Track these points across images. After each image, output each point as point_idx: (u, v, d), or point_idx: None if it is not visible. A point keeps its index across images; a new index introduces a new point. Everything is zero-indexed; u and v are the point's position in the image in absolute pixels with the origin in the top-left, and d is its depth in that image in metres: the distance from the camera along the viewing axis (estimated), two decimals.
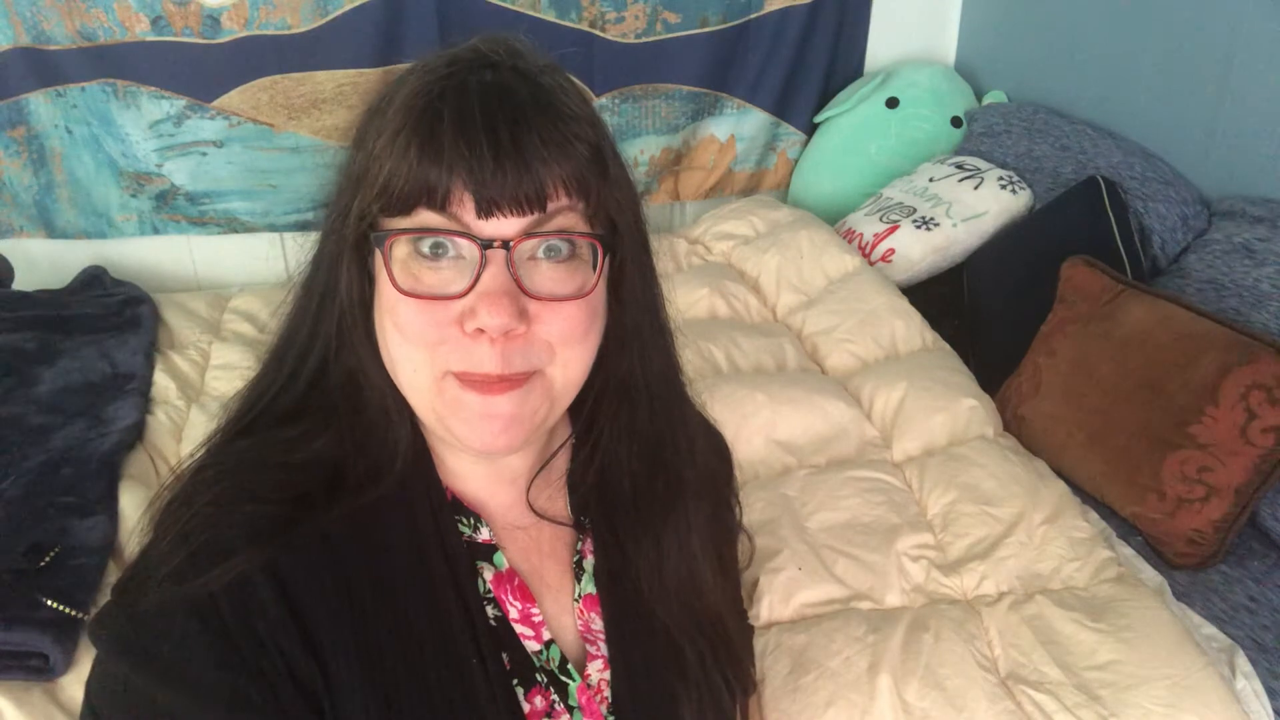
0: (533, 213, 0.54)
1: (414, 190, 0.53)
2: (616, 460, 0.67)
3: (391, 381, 0.59)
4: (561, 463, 0.69)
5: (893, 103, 2.25)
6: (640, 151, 2.28)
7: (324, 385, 0.60)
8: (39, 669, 1.11)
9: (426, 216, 0.54)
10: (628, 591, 0.68)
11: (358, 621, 0.56)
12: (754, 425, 1.48)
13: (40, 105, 1.91)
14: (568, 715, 0.63)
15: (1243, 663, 1.17)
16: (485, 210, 0.53)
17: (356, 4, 1.95)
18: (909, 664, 1.12)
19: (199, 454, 0.60)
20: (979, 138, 2.16)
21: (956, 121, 2.26)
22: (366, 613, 0.57)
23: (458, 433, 0.58)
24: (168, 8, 1.86)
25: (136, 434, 1.52)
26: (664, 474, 0.68)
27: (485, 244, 0.53)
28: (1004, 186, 1.97)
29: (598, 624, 0.67)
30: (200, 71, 1.94)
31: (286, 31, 1.94)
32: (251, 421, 0.61)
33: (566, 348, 0.57)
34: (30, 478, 1.35)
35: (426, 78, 0.55)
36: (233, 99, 1.98)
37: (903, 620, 1.18)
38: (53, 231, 2.04)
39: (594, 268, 0.57)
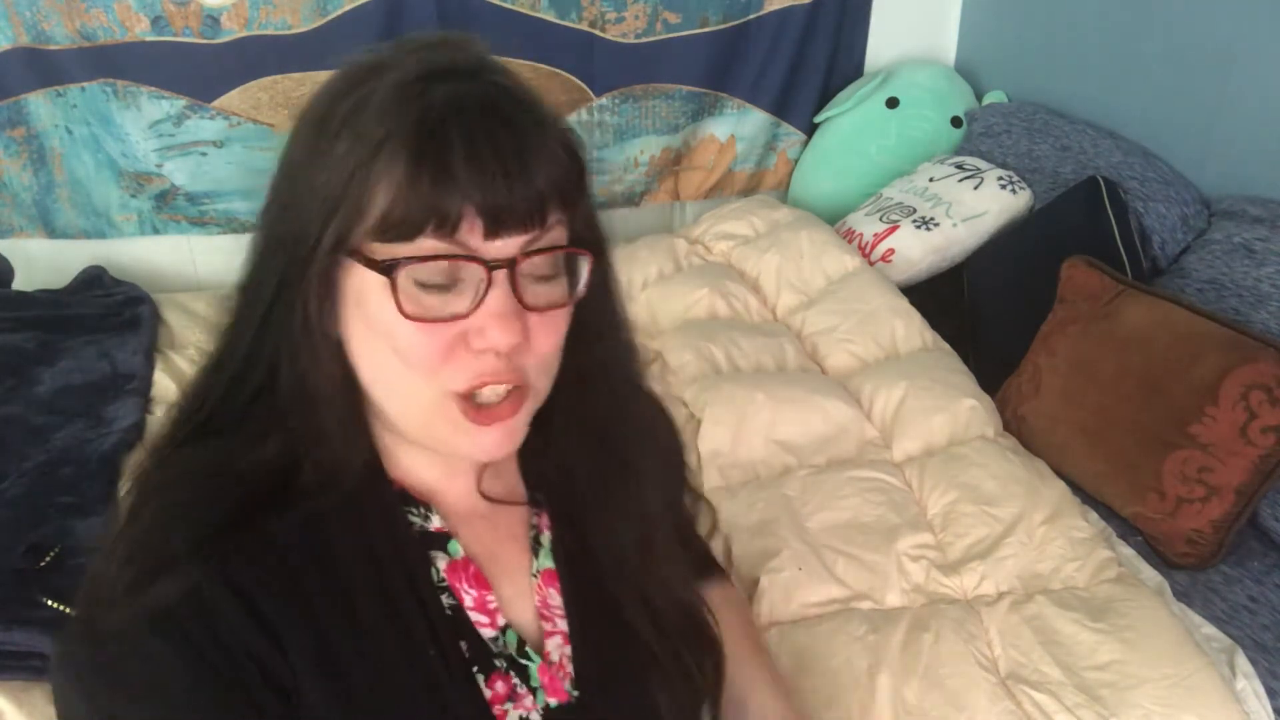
0: (535, 228, 0.55)
1: (422, 218, 0.52)
2: (569, 449, 0.68)
3: (351, 395, 0.58)
4: None
5: (893, 103, 2.25)
6: (640, 151, 2.28)
7: (271, 395, 0.59)
8: (39, 669, 1.11)
9: (430, 243, 0.53)
10: (585, 565, 0.69)
11: (311, 620, 0.56)
12: (754, 425, 1.48)
13: (40, 105, 1.91)
14: (530, 696, 0.63)
15: (1242, 663, 1.17)
16: (493, 231, 0.54)
17: (356, 4, 1.95)
18: (909, 664, 1.12)
19: (143, 465, 0.59)
20: (979, 138, 2.16)
21: (956, 121, 2.26)
22: (319, 612, 0.57)
23: (454, 446, 0.59)
24: (168, 8, 1.86)
25: (136, 434, 1.52)
26: (618, 463, 0.69)
27: (493, 265, 0.54)
28: (1004, 186, 1.97)
29: (555, 599, 0.68)
30: (200, 71, 1.93)
31: (286, 31, 1.94)
32: (193, 431, 0.60)
33: (549, 357, 0.59)
34: (30, 478, 1.35)
35: (405, 92, 0.53)
36: (233, 99, 1.98)
37: (903, 620, 1.18)
38: (53, 231, 2.04)
39: (576, 277, 0.59)
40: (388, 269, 0.53)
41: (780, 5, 2.21)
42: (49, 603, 1.13)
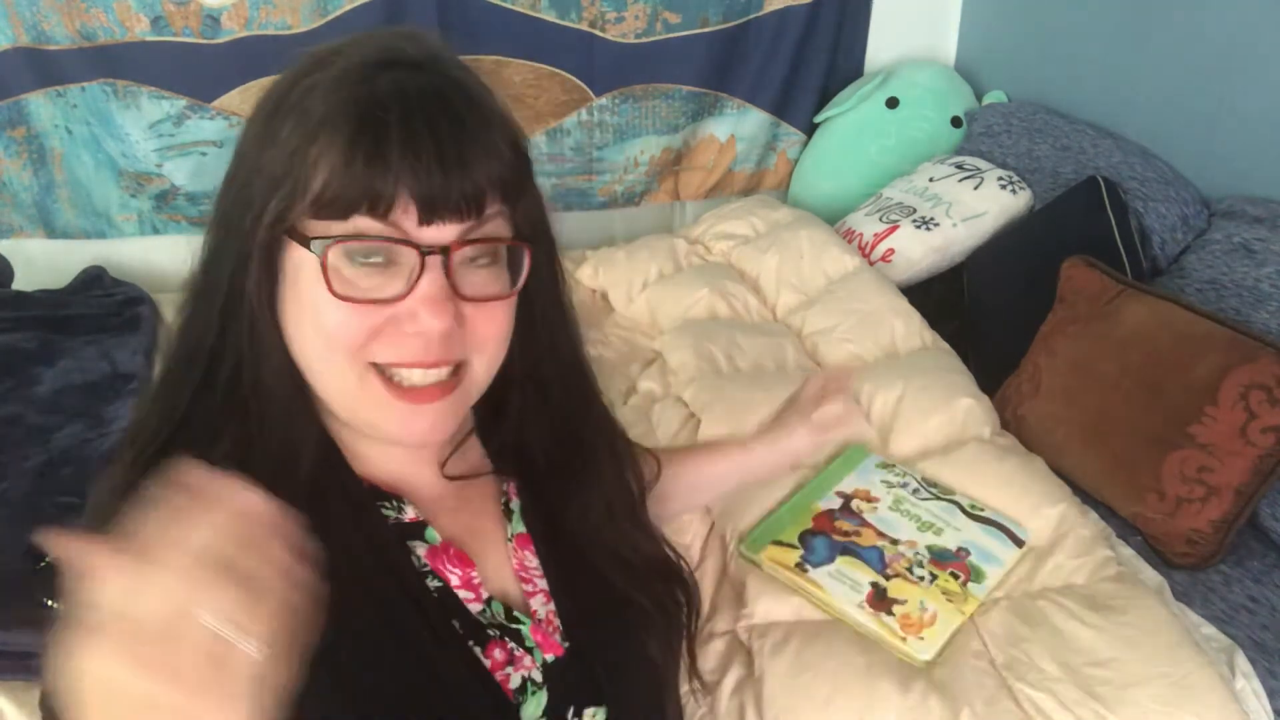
0: (470, 218, 0.56)
1: (356, 198, 0.53)
2: (528, 431, 0.70)
3: (294, 377, 0.59)
4: (470, 422, 0.71)
5: (893, 103, 2.25)
6: (640, 151, 2.28)
7: (237, 390, 0.59)
8: (39, 669, 1.11)
9: (364, 222, 0.54)
10: (556, 525, 0.71)
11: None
12: (754, 425, 1.48)
13: (40, 105, 1.91)
14: (528, 656, 0.65)
15: (1242, 663, 1.17)
16: (427, 217, 0.54)
17: (357, 4, 1.95)
18: (907, 662, 1.12)
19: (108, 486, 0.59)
20: (979, 138, 2.15)
21: (956, 121, 2.26)
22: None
23: (383, 429, 0.59)
24: (168, 8, 1.86)
25: None
26: (579, 449, 0.72)
27: (426, 250, 0.55)
28: (1004, 186, 1.97)
29: (532, 561, 0.69)
30: (200, 71, 1.94)
31: (286, 31, 1.94)
32: (168, 439, 0.59)
33: (492, 343, 0.60)
34: (30, 478, 1.35)
35: (350, 78, 0.55)
36: (233, 99, 1.98)
37: None
38: (53, 231, 2.04)
39: (518, 270, 0.60)
40: (319, 247, 0.54)
41: (780, 5, 2.21)
42: (49, 603, 1.13)
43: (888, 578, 1.20)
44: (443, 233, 0.55)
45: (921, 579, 1.20)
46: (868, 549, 1.24)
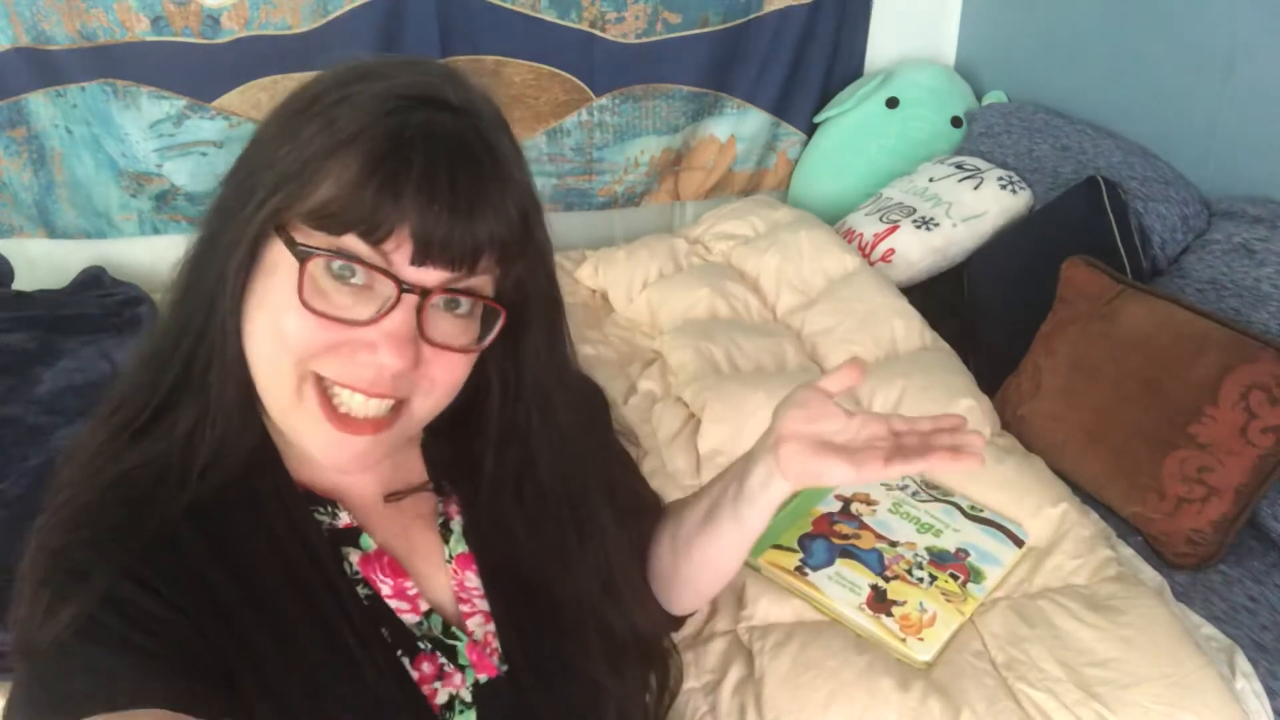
0: (460, 270, 0.56)
1: (355, 220, 0.53)
2: (500, 494, 0.69)
3: (243, 371, 0.59)
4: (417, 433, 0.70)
5: (893, 103, 2.25)
6: (640, 151, 2.28)
7: (204, 371, 0.59)
8: None
9: (355, 244, 0.54)
10: (503, 547, 0.70)
11: (222, 613, 0.57)
12: (754, 425, 1.48)
13: (40, 105, 1.91)
14: (460, 674, 0.65)
15: (1242, 662, 1.17)
16: (419, 260, 0.55)
17: (357, 4, 1.95)
18: (907, 663, 1.12)
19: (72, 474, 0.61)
20: (979, 138, 2.15)
21: (956, 121, 2.26)
22: (230, 605, 0.57)
23: (308, 445, 0.59)
24: (168, 8, 1.86)
25: None
26: (566, 510, 0.71)
27: (406, 288, 0.55)
28: (1004, 186, 1.97)
29: (473, 581, 0.69)
30: (200, 71, 1.94)
31: (286, 31, 1.94)
32: (151, 416, 0.60)
33: (441, 390, 0.60)
34: (30, 478, 1.35)
35: (386, 104, 0.55)
36: (233, 99, 1.98)
37: None
38: (53, 231, 2.04)
39: (487, 327, 0.60)
40: (302, 254, 0.54)
41: (780, 5, 2.21)
42: None
43: (887, 580, 1.21)
44: (428, 276, 0.55)
45: (921, 580, 1.21)
46: (867, 551, 1.25)
